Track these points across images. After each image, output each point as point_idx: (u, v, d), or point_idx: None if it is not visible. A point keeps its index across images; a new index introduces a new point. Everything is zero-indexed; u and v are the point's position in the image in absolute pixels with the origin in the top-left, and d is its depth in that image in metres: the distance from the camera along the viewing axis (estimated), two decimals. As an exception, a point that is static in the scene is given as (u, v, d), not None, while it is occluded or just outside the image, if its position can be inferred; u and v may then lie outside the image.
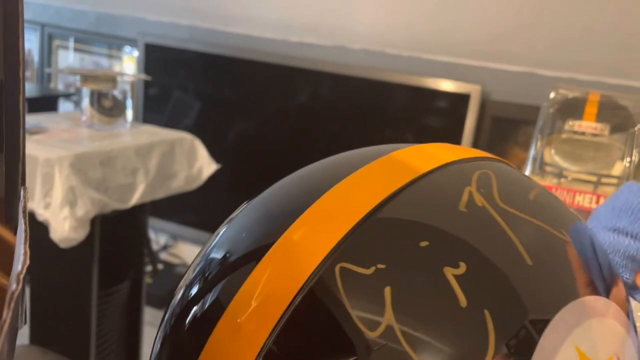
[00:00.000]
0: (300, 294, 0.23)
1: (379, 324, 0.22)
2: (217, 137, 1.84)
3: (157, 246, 2.06)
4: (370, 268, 0.23)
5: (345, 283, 0.23)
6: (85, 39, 2.22)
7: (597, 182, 0.70)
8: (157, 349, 0.28)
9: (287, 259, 0.24)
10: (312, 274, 0.23)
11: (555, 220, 0.27)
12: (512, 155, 1.54)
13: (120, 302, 1.38)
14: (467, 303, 0.22)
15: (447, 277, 0.23)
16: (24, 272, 0.18)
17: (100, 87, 1.32)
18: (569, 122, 0.72)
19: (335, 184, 0.26)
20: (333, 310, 0.22)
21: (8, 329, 0.16)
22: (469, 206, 0.25)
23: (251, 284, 0.24)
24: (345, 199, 0.25)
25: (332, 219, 0.24)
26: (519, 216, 0.26)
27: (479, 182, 0.27)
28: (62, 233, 1.10)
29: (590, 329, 0.24)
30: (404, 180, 0.26)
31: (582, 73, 1.47)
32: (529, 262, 0.24)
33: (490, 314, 0.22)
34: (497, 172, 0.28)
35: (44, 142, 1.19)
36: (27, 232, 0.21)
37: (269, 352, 0.22)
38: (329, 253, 0.23)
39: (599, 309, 0.25)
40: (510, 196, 0.27)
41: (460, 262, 0.23)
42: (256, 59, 1.79)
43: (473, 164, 0.28)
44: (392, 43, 1.69)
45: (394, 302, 0.22)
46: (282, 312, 0.23)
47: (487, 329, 0.22)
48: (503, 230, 0.25)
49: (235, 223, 0.29)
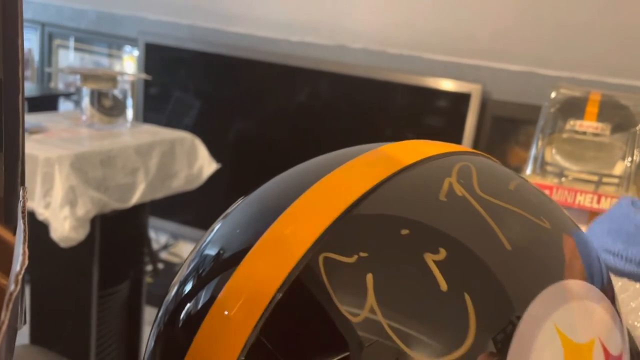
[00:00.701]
0: (286, 284, 0.23)
1: (361, 309, 0.22)
2: (217, 137, 1.84)
3: (157, 245, 2.06)
4: (352, 257, 0.23)
5: (328, 272, 0.23)
6: (85, 39, 2.22)
7: (599, 181, 0.70)
8: (151, 346, 0.28)
9: (272, 251, 0.25)
10: (297, 264, 0.23)
11: (535, 208, 0.28)
12: (513, 155, 1.54)
13: (121, 302, 1.38)
14: (448, 287, 0.23)
15: (428, 263, 0.23)
16: (22, 272, 0.18)
17: (100, 87, 1.32)
18: (570, 121, 0.72)
19: (321, 179, 0.27)
20: (317, 298, 0.23)
21: (7, 330, 0.16)
22: (449, 196, 0.26)
23: (238, 277, 0.25)
24: (328, 192, 0.26)
25: (316, 212, 0.25)
26: (498, 204, 0.26)
27: (459, 173, 0.27)
28: (62, 232, 1.10)
29: (571, 311, 0.25)
30: (386, 173, 0.27)
31: (583, 72, 1.46)
32: (508, 247, 0.25)
33: (470, 297, 0.23)
34: (477, 165, 0.29)
35: (44, 141, 1.19)
36: (26, 232, 0.21)
37: (256, 342, 0.23)
38: (312, 244, 0.24)
39: (581, 292, 0.26)
40: (490, 186, 0.27)
41: (440, 248, 0.24)
42: (257, 58, 1.79)
43: (454, 157, 0.29)
44: (392, 42, 1.69)
45: (376, 288, 0.23)
46: (268, 302, 0.23)
47: (467, 312, 0.23)
48: (482, 218, 0.25)
49: (229, 219, 0.29)
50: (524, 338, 0.23)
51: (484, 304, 0.23)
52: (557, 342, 0.24)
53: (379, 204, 0.26)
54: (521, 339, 0.23)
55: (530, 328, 0.23)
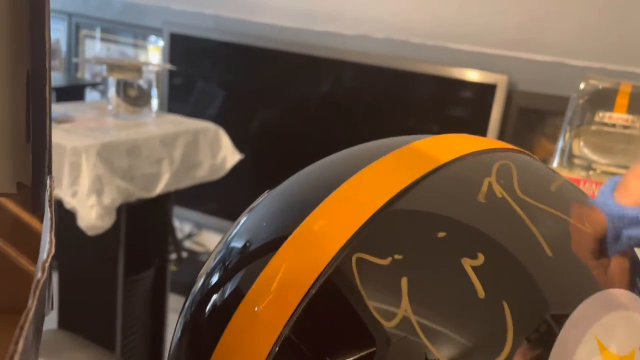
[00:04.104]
0: (317, 284, 0.23)
1: (395, 314, 0.22)
2: (241, 127, 1.85)
3: (181, 234, 2.09)
4: (387, 259, 0.23)
5: (361, 273, 0.23)
6: (111, 29, 2.24)
7: (627, 175, 0.68)
8: (177, 336, 0.28)
9: (304, 248, 0.24)
10: (329, 264, 0.23)
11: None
12: (539, 147, 1.52)
13: (145, 289, 1.40)
14: (485, 294, 0.22)
15: (465, 268, 0.22)
16: (49, 260, 0.18)
17: (126, 77, 1.33)
18: (599, 113, 0.70)
19: (354, 174, 0.26)
20: (349, 300, 0.22)
21: (34, 315, 0.17)
22: (488, 197, 0.25)
23: (269, 272, 0.24)
24: (362, 189, 0.25)
25: (350, 209, 0.24)
26: (539, 207, 0.25)
27: (499, 173, 0.26)
28: (89, 221, 1.12)
29: (613, 322, 0.24)
30: (423, 171, 0.26)
31: (613, 63, 1.43)
32: (549, 254, 0.24)
33: (508, 305, 0.22)
34: (517, 163, 0.28)
35: (72, 131, 1.21)
36: (52, 221, 0.21)
37: (286, 340, 0.23)
38: (345, 243, 0.23)
39: (622, 302, 0.25)
40: (531, 187, 0.26)
41: (478, 252, 0.23)
42: (280, 48, 1.78)
43: (493, 155, 0.28)
44: (416, 32, 1.67)
45: (410, 293, 0.22)
46: (299, 300, 0.23)
47: (505, 321, 0.22)
48: (522, 221, 0.24)
49: (255, 212, 0.29)
50: (564, 349, 0.22)
51: (522, 313, 0.22)
52: (597, 354, 0.23)
53: (414, 203, 0.25)
54: (560, 350, 0.22)
55: (570, 339, 0.22)
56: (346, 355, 0.22)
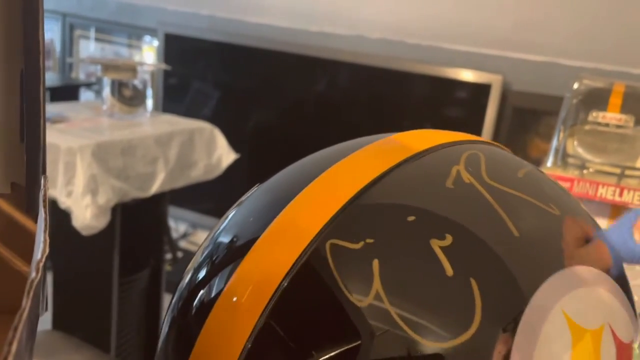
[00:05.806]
0: (293, 270, 0.24)
1: (367, 294, 0.23)
2: (236, 127, 1.85)
3: (176, 234, 2.09)
4: (359, 243, 0.24)
5: (335, 258, 0.23)
6: (106, 29, 2.24)
7: (621, 174, 0.68)
8: (165, 332, 0.28)
9: (280, 239, 0.25)
10: (304, 250, 0.24)
11: (544, 195, 0.28)
12: (534, 147, 1.52)
13: (141, 289, 1.40)
14: (454, 272, 0.23)
15: (434, 248, 0.23)
16: (43, 260, 0.18)
17: (120, 77, 1.33)
18: (593, 113, 0.71)
19: (331, 167, 0.27)
20: (324, 284, 0.23)
21: (28, 316, 0.17)
22: (456, 183, 0.26)
23: (247, 264, 0.25)
24: (336, 180, 0.26)
25: (323, 199, 0.25)
26: (506, 191, 0.26)
27: (467, 161, 0.27)
28: (83, 221, 1.12)
29: (580, 297, 0.25)
30: (394, 160, 0.27)
31: (606, 63, 1.43)
32: (516, 234, 0.25)
33: (476, 282, 0.23)
34: (486, 153, 0.29)
35: (66, 131, 1.21)
36: (47, 221, 0.21)
37: (264, 326, 0.23)
38: (320, 230, 0.24)
39: (589, 278, 0.26)
40: (498, 174, 0.27)
41: (446, 234, 0.24)
42: (275, 48, 1.78)
43: (464, 146, 0.29)
44: (411, 32, 1.67)
45: (381, 273, 0.23)
46: (275, 287, 0.23)
47: (473, 297, 0.23)
48: (489, 204, 0.25)
49: (243, 207, 0.30)
50: (532, 323, 0.23)
51: (490, 289, 0.23)
52: (565, 327, 0.24)
53: (386, 191, 0.26)
54: (528, 324, 0.23)
55: (537, 313, 0.23)
56: (321, 334, 0.23)
